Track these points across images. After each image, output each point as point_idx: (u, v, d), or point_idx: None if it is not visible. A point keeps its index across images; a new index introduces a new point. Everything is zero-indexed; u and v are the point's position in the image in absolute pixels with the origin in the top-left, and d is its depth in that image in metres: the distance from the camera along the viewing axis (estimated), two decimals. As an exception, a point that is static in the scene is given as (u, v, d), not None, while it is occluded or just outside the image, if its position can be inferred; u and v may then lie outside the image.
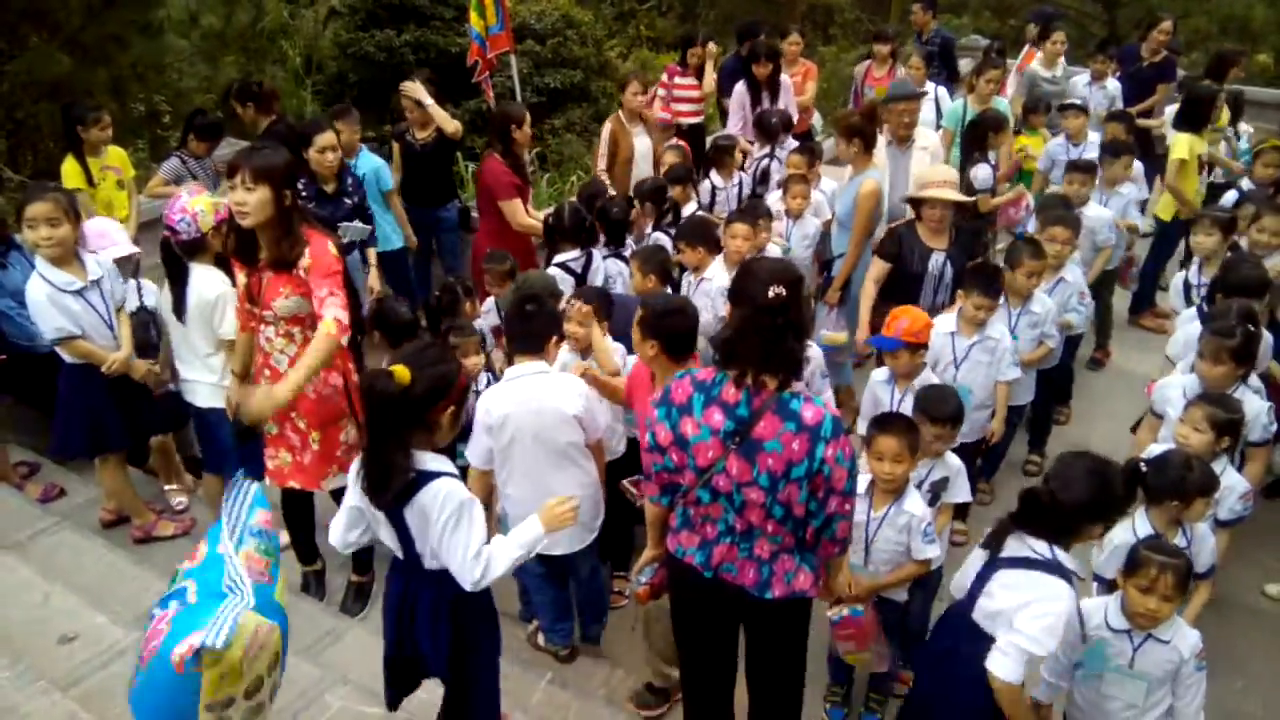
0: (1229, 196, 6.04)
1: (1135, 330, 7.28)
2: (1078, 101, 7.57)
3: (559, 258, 5.21)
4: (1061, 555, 2.73)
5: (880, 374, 4.37)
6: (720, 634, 3.05)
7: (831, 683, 3.85)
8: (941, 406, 3.70)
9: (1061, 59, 8.45)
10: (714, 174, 6.62)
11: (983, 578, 2.84)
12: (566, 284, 5.05)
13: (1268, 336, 4.65)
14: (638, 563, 3.27)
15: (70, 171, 5.74)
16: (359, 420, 3.88)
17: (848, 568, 3.35)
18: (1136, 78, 8.48)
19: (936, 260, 4.98)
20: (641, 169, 6.92)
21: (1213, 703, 3.12)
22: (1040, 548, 2.74)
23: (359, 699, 3.61)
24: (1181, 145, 6.73)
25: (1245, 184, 6.44)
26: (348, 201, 5.48)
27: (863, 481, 3.37)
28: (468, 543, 2.62)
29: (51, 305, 4.14)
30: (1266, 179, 6.06)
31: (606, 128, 7.11)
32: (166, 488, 5.11)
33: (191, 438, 5.09)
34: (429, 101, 6.22)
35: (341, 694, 3.67)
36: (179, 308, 4.20)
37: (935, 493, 3.80)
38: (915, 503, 3.45)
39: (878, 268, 5.15)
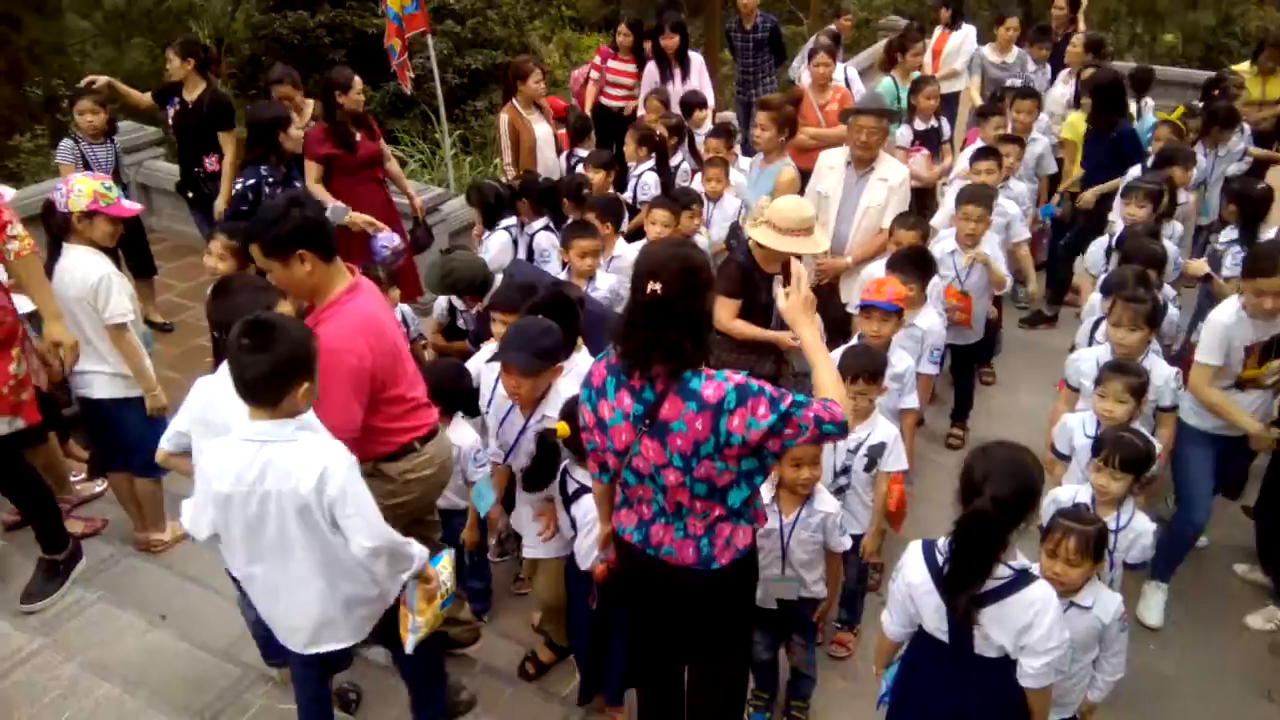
0: (1134, 171, 6.14)
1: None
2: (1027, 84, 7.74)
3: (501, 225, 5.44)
4: (1016, 563, 2.64)
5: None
6: (668, 610, 2.98)
7: (756, 687, 3.74)
8: (860, 362, 3.74)
9: (1015, 46, 8.45)
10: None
11: (964, 616, 2.66)
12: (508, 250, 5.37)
13: (1173, 310, 4.79)
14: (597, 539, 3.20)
15: None
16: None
17: None
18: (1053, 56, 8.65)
19: (778, 285, 4.35)
20: (545, 154, 6.76)
21: (1129, 662, 3.22)
22: (999, 572, 2.62)
23: (281, 697, 3.54)
24: (1068, 126, 7.06)
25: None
26: (298, 185, 5.44)
27: (767, 491, 3.28)
28: None
29: None
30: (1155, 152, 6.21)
31: (503, 119, 6.83)
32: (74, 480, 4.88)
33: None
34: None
35: (261, 693, 3.61)
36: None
37: (872, 458, 3.81)
38: (826, 500, 3.42)
39: (730, 308, 4.42)
